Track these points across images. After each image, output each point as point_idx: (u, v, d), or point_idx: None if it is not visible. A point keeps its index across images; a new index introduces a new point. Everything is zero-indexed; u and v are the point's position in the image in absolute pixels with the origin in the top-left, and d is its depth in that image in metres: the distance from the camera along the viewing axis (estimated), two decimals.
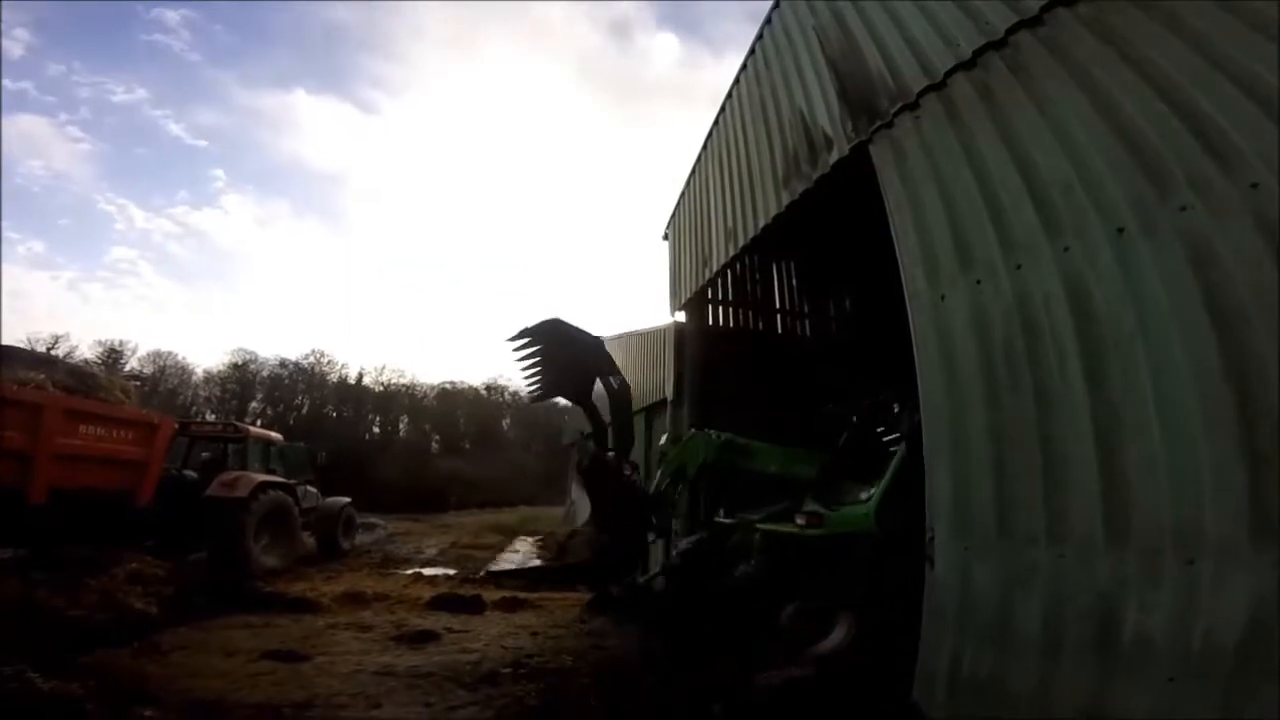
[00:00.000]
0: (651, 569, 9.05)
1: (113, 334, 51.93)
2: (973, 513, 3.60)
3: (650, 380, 10.90)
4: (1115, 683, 2.94)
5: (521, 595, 8.72)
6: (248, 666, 4.84)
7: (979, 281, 3.64)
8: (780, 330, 10.41)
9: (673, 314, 9.76)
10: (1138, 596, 2.84)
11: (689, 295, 9.20)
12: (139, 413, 9.83)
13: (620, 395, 6.52)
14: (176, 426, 11.77)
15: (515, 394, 46.22)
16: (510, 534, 18.29)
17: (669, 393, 9.43)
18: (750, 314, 10.23)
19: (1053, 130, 3.39)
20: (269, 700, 4.16)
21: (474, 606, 7.93)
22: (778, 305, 10.51)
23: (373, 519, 21.02)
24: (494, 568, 12.28)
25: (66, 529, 7.46)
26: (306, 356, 41.97)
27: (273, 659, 5.07)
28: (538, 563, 13.35)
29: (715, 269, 8.23)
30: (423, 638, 6.29)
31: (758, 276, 10.38)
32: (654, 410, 10.70)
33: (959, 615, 3.68)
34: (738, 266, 9.43)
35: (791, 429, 9.29)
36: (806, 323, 10.70)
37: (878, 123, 4.62)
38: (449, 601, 8.06)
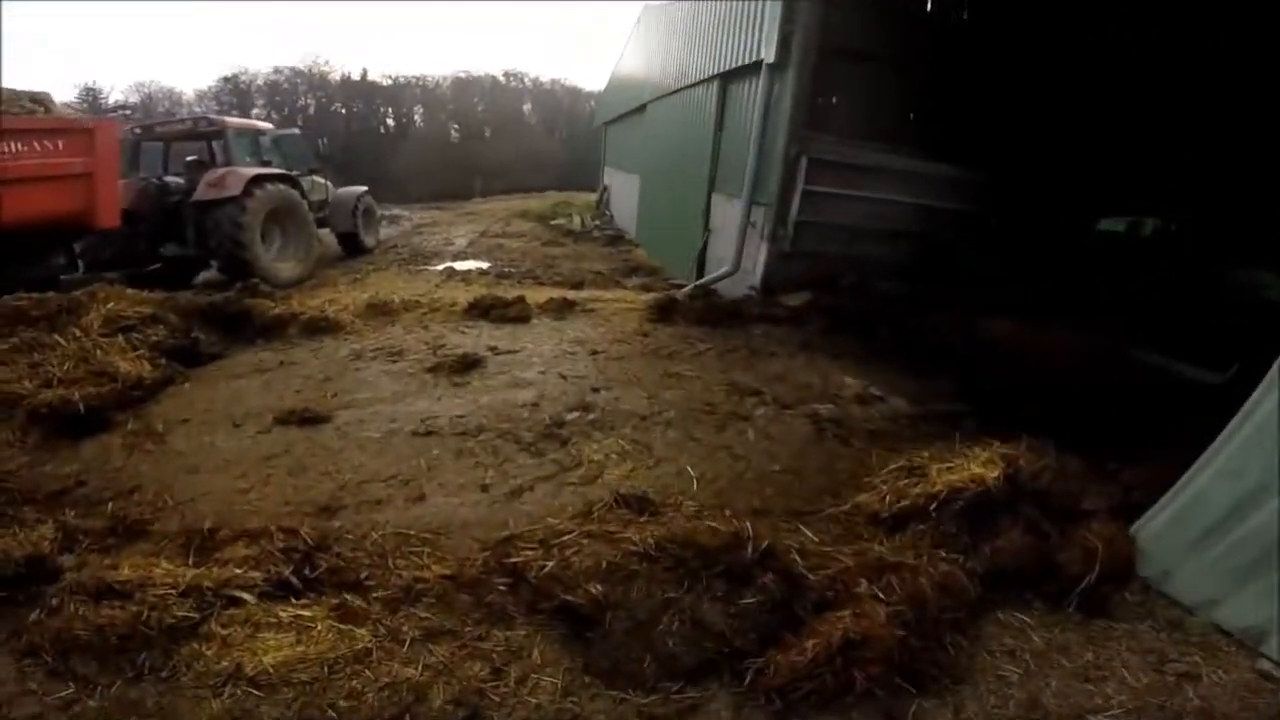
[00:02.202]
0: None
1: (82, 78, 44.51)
2: None
3: (735, 41, 7.80)
4: None
5: (570, 295, 7.67)
6: (258, 444, 3.94)
7: None
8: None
9: None
10: None
11: None
12: (62, 119, 7.86)
13: None
14: (122, 126, 9.93)
15: (536, 79, 42.05)
16: (542, 220, 16.91)
17: (768, 53, 6.62)
18: None
19: None
20: (283, 506, 3.29)
21: (518, 314, 6.92)
22: None
23: (396, 210, 19.95)
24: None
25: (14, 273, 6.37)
26: (302, 61, 38.34)
27: (287, 424, 4.17)
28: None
29: None
30: (465, 365, 5.34)
31: None
32: (738, 76, 7.93)
33: None
34: None
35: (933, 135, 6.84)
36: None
37: None
38: (489, 307, 7.05)
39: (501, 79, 41.54)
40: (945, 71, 6.95)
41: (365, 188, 13.17)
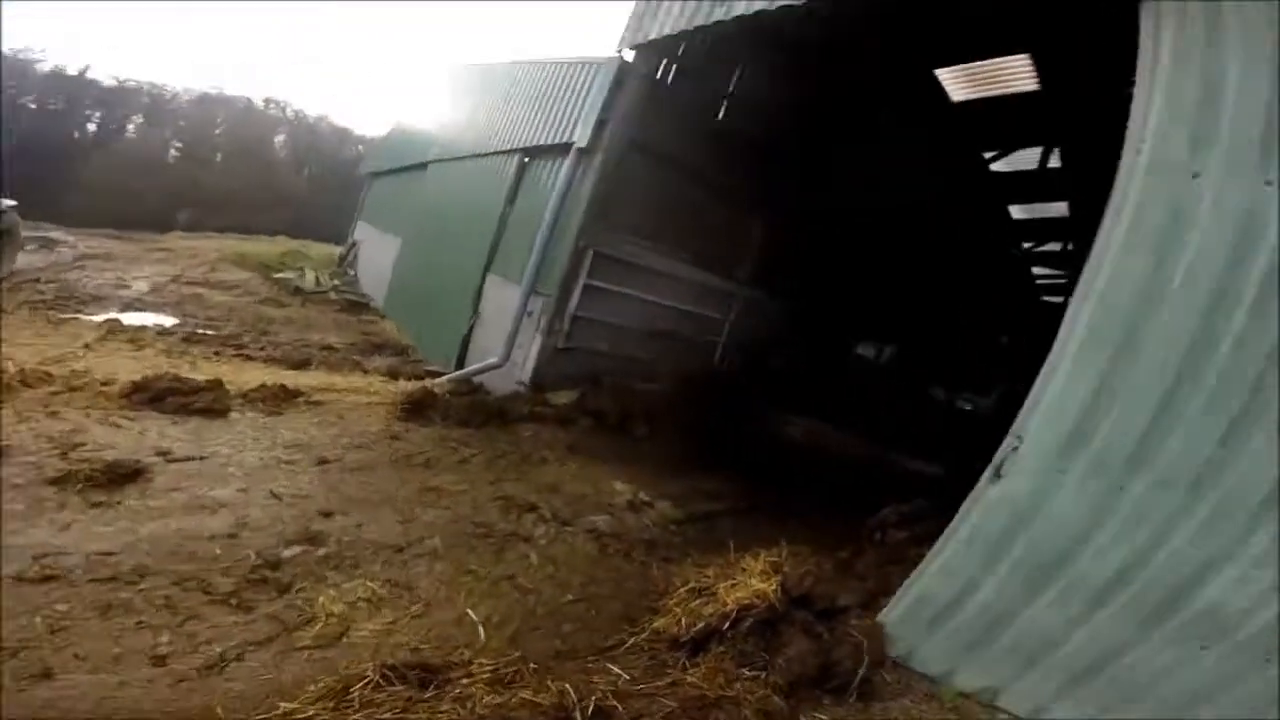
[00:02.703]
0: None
1: None
2: (1104, 435, 2.92)
3: (547, 118, 7.68)
4: (1146, 641, 2.75)
5: (289, 381, 6.15)
6: None
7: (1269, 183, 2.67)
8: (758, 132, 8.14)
9: (620, 50, 6.74)
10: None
11: (661, 33, 6.31)
12: None
13: None
14: None
15: (299, 111, 37.71)
16: (264, 270, 14.13)
17: (581, 136, 6.61)
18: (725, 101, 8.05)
19: None
20: None
21: (210, 404, 5.16)
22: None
23: (56, 233, 14.63)
24: None
25: None
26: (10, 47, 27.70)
27: None
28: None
29: (740, 12, 5.45)
30: (115, 477, 3.70)
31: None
32: (542, 154, 7.75)
33: (1006, 541, 3.12)
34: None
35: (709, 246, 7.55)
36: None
37: None
38: (166, 393, 5.14)
39: (259, 104, 36.89)
40: (731, 186, 7.81)
41: (13, 202, 9.40)
